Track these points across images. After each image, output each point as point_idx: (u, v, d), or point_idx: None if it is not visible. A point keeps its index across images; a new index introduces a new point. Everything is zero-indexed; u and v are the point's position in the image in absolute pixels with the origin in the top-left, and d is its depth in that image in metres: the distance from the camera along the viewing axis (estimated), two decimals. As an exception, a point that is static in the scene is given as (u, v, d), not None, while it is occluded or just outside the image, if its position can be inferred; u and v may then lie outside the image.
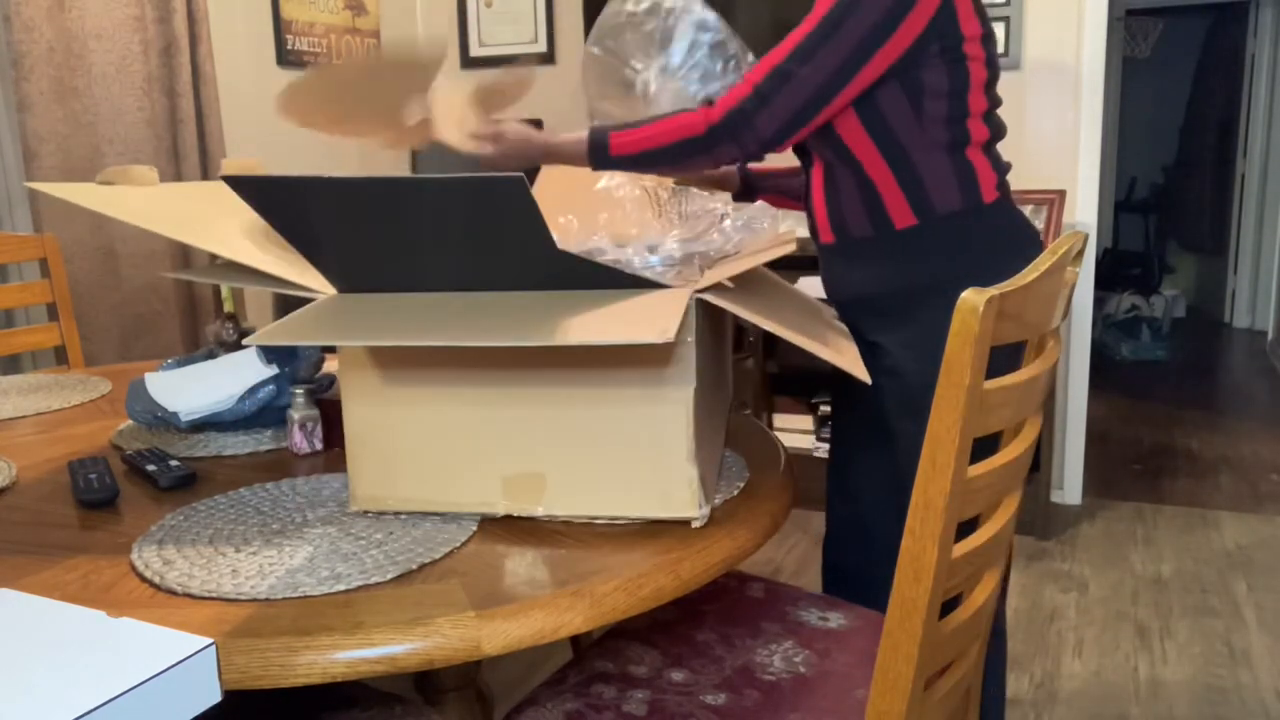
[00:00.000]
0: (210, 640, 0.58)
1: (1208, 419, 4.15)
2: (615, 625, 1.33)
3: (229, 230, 1.42)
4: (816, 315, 1.38)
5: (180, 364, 1.54)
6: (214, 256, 1.34)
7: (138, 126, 2.74)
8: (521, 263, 1.05)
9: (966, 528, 0.97)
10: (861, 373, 1.12)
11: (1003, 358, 1.04)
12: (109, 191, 1.43)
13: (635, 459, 1.06)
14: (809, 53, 1.27)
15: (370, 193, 0.98)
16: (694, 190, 1.43)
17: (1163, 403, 4.41)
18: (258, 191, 1.01)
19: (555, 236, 1.01)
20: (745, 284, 1.23)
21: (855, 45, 1.27)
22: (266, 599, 0.92)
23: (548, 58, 3.85)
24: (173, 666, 0.56)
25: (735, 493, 1.17)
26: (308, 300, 1.18)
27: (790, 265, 3.11)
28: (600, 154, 1.32)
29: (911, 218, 1.37)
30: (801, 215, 3.32)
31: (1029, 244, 1.40)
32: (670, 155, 1.32)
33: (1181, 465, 3.58)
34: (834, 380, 1.63)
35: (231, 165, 1.75)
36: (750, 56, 1.47)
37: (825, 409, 3.24)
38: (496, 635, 0.87)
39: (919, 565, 0.88)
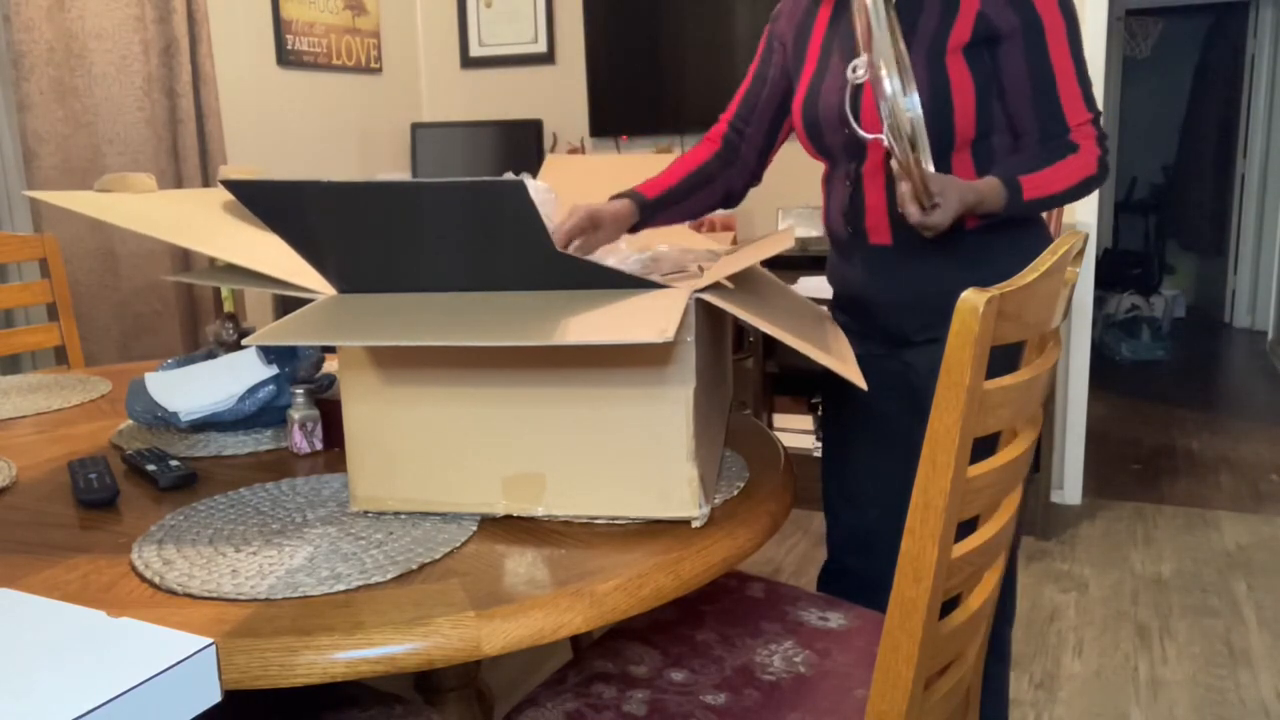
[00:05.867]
0: (210, 640, 0.58)
1: (1208, 419, 4.15)
2: (615, 625, 1.33)
3: (228, 233, 1.43)
4: (815, 318, 1.38)
5: (180, 364, 1.54)
6: (214, 258, 1.33)
7: (138, 126, 2.75)
8: (521, 263, 1.05)
9: (966, 528, 0.97)
10: (858, 379, 1.13)
11: (1002, 358, 1.04)
12: (108, 199, 1.43)
13: (635, 458, 1.06)
14: (1083, 64, 1.38)
15: (370, 197, 0.98)
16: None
17: (1163, 403, 4.41)
18: (256, 195, 1.01)
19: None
20: (744, 284, 1.23)
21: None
22: (266, 599, 0.92)
23: (547, 58, 3.86)
24: (173, 666, 0.56)
25: (735, 493, 1.17)
26: (308, 300, 1.17)
27: (790, 265, 3.11)
28: (1017, 197, 1.33)
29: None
30: (796, 215, 3.32)
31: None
32: (1074, 195, 1.37)
33: (1181, 465, 3.58)
34: (828, 383, 1.62)
35: (230, 173, 1.76)
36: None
37: (825, 409, 3.23)
38: (496, 635, 0.88)
39: (919, 565, 0.88)
